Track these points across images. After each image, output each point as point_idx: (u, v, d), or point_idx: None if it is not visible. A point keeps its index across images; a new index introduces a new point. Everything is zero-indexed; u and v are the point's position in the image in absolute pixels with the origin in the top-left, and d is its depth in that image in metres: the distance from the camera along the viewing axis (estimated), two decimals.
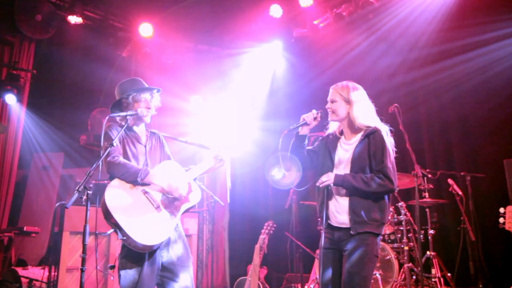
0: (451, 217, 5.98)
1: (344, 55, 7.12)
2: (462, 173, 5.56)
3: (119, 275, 3.27)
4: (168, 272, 3.36)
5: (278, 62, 8.10)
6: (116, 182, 3.31)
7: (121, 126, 3.48)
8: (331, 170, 3.27)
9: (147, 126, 3.74)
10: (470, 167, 5.82)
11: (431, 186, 5.55)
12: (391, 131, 3.29)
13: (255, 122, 7.67)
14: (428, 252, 5.52)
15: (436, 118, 6.52)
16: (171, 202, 3.43)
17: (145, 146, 3.62)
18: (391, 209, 5.82)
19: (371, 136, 3.17)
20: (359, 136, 3.24)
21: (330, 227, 3.25)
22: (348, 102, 3.24)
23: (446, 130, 6.42)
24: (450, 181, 5.45)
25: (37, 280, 5.82)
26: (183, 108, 7.89)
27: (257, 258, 5.68)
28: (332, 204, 3.23)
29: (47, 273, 5.51)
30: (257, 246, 5.75)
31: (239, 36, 7.77)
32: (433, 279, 5.43)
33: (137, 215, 3.23)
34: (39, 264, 6.91)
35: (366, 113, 3.25)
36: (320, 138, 3.49)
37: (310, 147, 3.46)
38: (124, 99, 3.59)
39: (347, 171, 3.19)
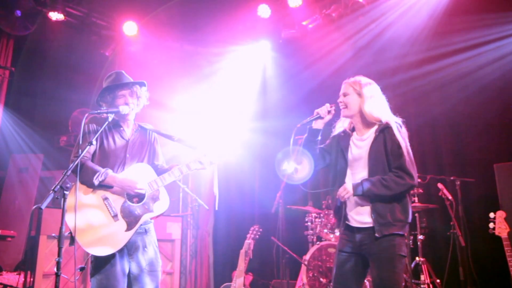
0: (440, 222, 5.90)
1: (333, 57, 7.02)
2: (451, 178, 5.48)
3: (91, 281, 3.18)
4: (135, 278, 3.27)
5: (265, 63, 7.98)
6: (79, 184, 3.20)
7: (103, 122, 3.31)
8: (345, 170, 3.17)
9: (137, 120, 3.61)
10: (460, 172, 5.74)
11: (420, 190, 5.47)
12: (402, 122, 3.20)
13: (241, 123, 7.52)
14: (417, 258, 5.45)
15: (425, 122, 6.43)
16: (132, 211, 3.27)
17: (127, 141, 3.47)
18: None
19: (386, 131, 3.07)
20: (372, 131, 3.15)
21: (349, 229, 3.12)
22: (360, 95, 3.17)
23: (435, 134, 6.34)
24: (440, 185, 5.37)
25: (11, 286, 5.59)
26: (168, 110, 7.70)
27: (242, 264, 5.52)
28: (351, 205, 3.11)
29: (23, 279, 5.28)
30: (242, 251, 5.59)
31: (226, 36, 7.63)
32: (422, 286, 5.34)
33: (90, 222, 3.12)
34: (16, 269, 6.67)
35: (379, 107, 3.17)
36: (331, 136, 3.38)
37: (321, 146, 3.36)
38: (103, 97, 3.48)
39: (364, 169, 3.08)
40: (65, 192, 2.82)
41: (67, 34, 7.51)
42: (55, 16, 7.02)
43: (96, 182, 3.17)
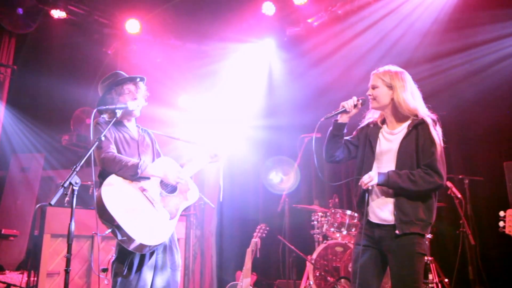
0: (448, 221, 5.84)
1: (338, 55, 6.95)
2: (460, 176, 5.42)
3: (115, 282, 3.07)
4: (157, 275, 3.22)
5: (270, 61, 7.92)
6: (112, 178, 3.11)
7: (109, 122, 3.26)
8: (372, 162, 3.06)
9: (141, 118, 3.58)
10: (468, 170, 5.69)
11: None
12: (438, 120, 3.08)
13: (246, 121, 7.46)
14: (425, 257, 5.36)
15: None
16: (170, 200, 3.28)
17: (137, 142, 3.44)
18: None
19: (420, 127, 2.94)
20: (404, 126, 3.02)
21: (368, 224, 3.03)
22: (391, 87, 3.01)
23: (443, 132, 6.24)
24: (448, 183, 5.30)
25: (15, 286, 5.54)
26: (171, 109, 7.64)
27: (249, 263, 5.46)
28: (373, 199, 3.01)
29: (26, 278, 5.22)
30: (249, 250, 5.53)
31: (230, 34, 7.57)
32: (430, 285, 5.28)
33: (136, 214, 3.06)
34: (18, 269, 6.61)
35: (411, 100, 3.01)
36: (359, 127, 3.27)
37: (347, 138, 3.25)
38: (108, 96, 3.42)
39: (391, 163, 2.98)
40: (74, 188, 2.75)
41: (69, 32, 7.44)
42: (57, 14, 6.96)
43: (139, 172, 3.12)
